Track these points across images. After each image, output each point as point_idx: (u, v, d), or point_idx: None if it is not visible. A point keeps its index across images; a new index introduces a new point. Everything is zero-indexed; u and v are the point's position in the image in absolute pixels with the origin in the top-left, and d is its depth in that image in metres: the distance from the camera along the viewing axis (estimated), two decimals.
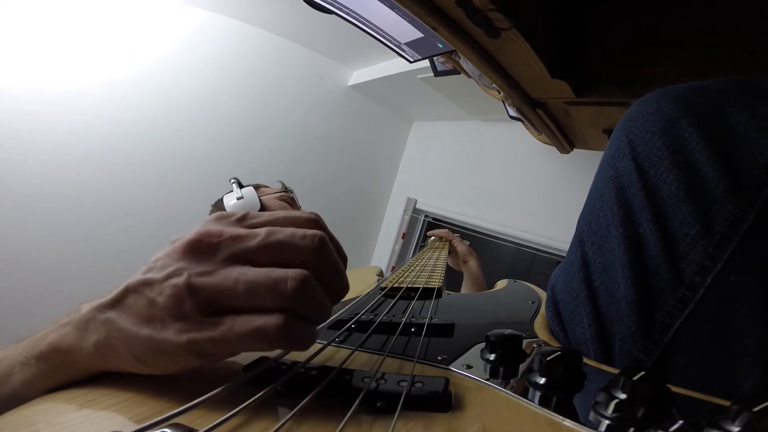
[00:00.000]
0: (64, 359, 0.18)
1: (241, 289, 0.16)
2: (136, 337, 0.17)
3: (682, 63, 0.57)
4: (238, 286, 0.16)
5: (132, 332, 0.17)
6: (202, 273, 0.17)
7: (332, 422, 0.15)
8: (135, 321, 0.17)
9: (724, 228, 0.20)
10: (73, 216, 1.28)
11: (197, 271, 0.17)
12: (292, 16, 1.39)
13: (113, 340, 0.17)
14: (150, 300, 0.17)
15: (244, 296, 0.16)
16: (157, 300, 0.17)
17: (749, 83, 0.24)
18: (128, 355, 0.17)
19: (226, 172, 1.50)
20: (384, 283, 0.42)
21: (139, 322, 0.17)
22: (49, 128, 1.22)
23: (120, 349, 0.17)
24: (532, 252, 1.30)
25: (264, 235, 0.18)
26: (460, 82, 0.93)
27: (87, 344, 0.18)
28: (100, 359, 0.18)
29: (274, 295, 0.16)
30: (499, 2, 0.46)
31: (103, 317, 0.18)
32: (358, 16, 0.60)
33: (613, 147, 0.26)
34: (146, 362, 0.17)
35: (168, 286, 0.17)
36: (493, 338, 0.20)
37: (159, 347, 0.16)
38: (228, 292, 0.17)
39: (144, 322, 0.17)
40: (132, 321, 0.17)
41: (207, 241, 0.18)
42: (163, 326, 0.17)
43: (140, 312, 0.17)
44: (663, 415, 0.13)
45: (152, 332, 0.17)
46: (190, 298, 0.16)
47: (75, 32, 1.23)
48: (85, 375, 0.19)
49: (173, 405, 0.14)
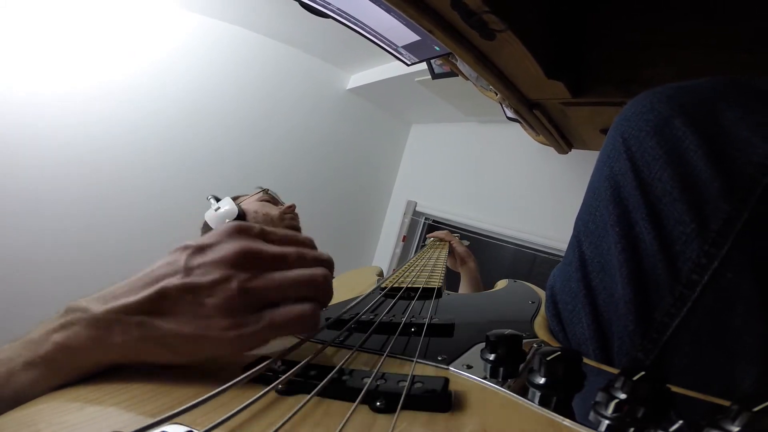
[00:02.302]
0: (75, 358, 0.19)
1: (286, 285, 0.21)
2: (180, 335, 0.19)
3: (679, 63, 0.57)
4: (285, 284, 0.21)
5: (174, 331, 0.19)
6: (250, 278, 0.20)
7: (332, 422, 0.15)
8: (178, 321, 0.19)
9: (719, 226, 0.20)
10: (71, 218, 1.28)
11: (245, 277, 0.20)
12: (290, 21, 1.40)
13: (149, 340, 0.19)
14: (197, 302, 0.19)
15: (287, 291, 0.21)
16: (207, 302, 0.19)
17: (742, 82, 0.24)
18: (164, 351, 0.19)
19: (226, 177, 1.51)
20: (384, 283, 0.43)
21: (184, 322, 0.19)
22: (47, 131, 1.22)
23: (153, 347, 0.19)
24: (532, 253, 1.30)
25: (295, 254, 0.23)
26: (457, 84, 0.94)
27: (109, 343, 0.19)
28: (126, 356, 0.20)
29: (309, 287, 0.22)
30: (494, 4, 0.47)
31: (135, 319, 0.19)
32: (355, 20, 0.61)
33: (609, 147, 0.26)
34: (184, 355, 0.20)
35: (220, 289, 0.19)
36: (493, 338, 0.20)
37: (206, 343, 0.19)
38: (275, 288, 0.21)
39: (189, 322, 0.19)
40: (174, 321, 0.19)
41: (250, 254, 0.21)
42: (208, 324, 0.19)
43: (184, 312, 0.19)
44: (663, 415, 0.13)
45: (199, 330, 0.19)
46: (241, 298, 0.20)
47: (74, 36, 1.24)
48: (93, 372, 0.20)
49: (174, 404, 0.14)
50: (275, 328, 0.20)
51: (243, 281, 0.20)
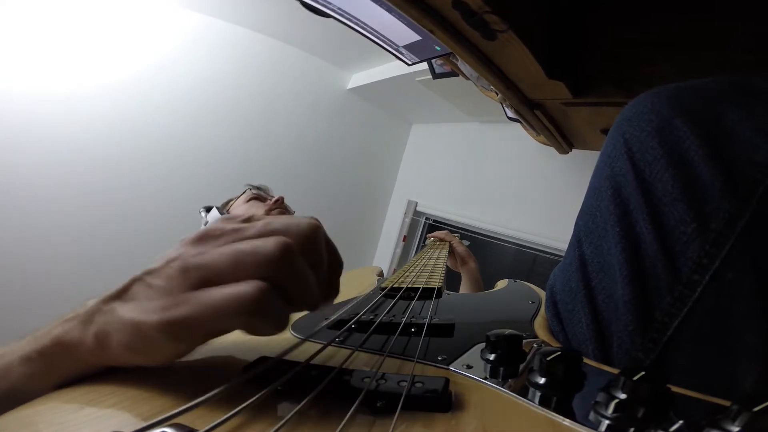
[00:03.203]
0: (68, 353, 0.18)
1: (225, 260, 0.17)
2: (123, 321, 0.17)
3: (680, 63, 0.57)
4: (223, 257, 0.17)
5: (123, 318, 0.17)
6: (197, 254, 0.18)
7: (332, 422, 0.15)
8: (131, 307, 0.17)
9: (720, 226, 0.20)
10: (71, 218, 1.28)
11: (193, 253, 0.18)
12: (290, 20, 1.40)
13: (109, 328, 0.17)
14: (148, 284, 0.18)
15: (228, 267, 0.17)
16: (153, 283, 0.17)
17: (743, 82, 0.24)
18: (119, 343, 0.17)
19: (226, 176, 1.51)
20: (384, 283, 0.43)
21: (133, 307, 0.17)
22: (48, 130, 1.23)
23: (114, 337, 0.17)
24: (533, 253, 1.30)
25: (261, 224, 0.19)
26: (458, 84, 0.94)
27: (88, 336, 0.18)
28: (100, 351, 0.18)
29: (256, 262, 0.17)
30: (495, 4, 0.47)
31: (107, 308, 0.18)
32: (356, 20, 0.61)
33: (609, 147, 0.26)
34: (135, 349, 0.17)
35: (165, 268, 0.18)
36: (493, 338, 0.20)
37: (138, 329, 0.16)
38: (215, 264, 0.17)
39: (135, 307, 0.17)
40: (128, 307, 0.17)
41: (210, 233, 0.19)
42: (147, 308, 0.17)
43: (138, 298, 0.18)
44: (663, 415, 0.13)
45: (136, 314, 0.17)
46: (181, 276, 0.17)
47: (75, 35, 1.24)
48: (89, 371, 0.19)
49: (174, 404, 0.14)
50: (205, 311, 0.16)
51: (185, 257, 0.18)
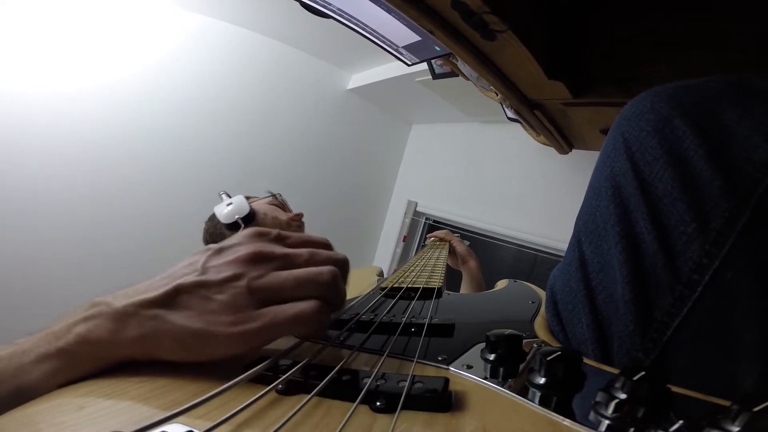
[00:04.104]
0: (93, 351, 0.19)
1: (290, 283, 0.21)
2: (188, 330, 0.19)
3: (679, 62, 0.57)
4: (288, 281, 0.21)
5: (184, 326, 0.19)
6: (258, 276, 0.21)
7: (332, 422, 0.15)
8: (187, 316, 0.19)
9: (719, 225, 0.20)
10: (71, 218, 1.28)
11: (254, 275, 0.21)
12: (290, 21, 1.40)
13: (161, 334, 0.19)
14: (207, 298, 0.20)
15: (292, 288, 0.21)
16: (216, 298, 0.20)
17: (742, 81, 0.24)
18: (175, 346, 0.19)
19: (226, 176, 1.51)
20: (384, 283, 0.42)
21: (192, 317, 0.19)
22: (47, 131, 1.23)
23: (165, 342, 0.19)
24: (533, 253, 1.30)
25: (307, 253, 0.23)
26: (458, 84, 0.94)
27: (125, 336, 0.19)
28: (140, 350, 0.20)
29: (315, 285, 0.22)
30: (494, 4, 0.47)
31: (150, 313, 0.20)
32: (356, 20, 0.61)
33: (609, 147, 0.26)
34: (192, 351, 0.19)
35: (229, 287, 0.20)
36: (493, 338, 0.20)
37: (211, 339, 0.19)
38: (280, 286, 0.21)
39: (197, 317, 0.19)
40: (184, 316, 0.20)
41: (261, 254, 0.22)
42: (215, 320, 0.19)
43: (194, 308, 0.20)
44: (663, 415, 0.13)
45: (205, 326, 0.19)
46: (249, 295, 0.20)
47: (74, 35, 1.24)
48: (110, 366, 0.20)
49: (175, 404, 0.14)
50: (276, 325, 0.20)
51: (251, 279, 0.21)
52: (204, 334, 0.19)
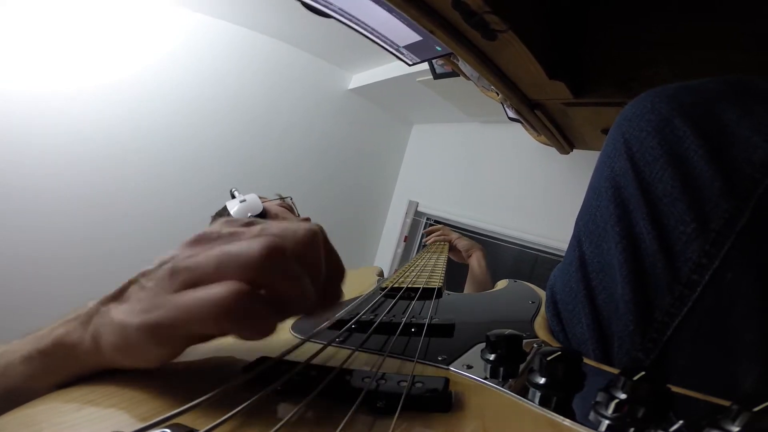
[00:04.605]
0: (68, 354, 0.18)
1: (211, 261, 0.16)
2: (113, 322, 0.17)
3: (680, 63, 0.57)
4: (209, 258, 0.16)
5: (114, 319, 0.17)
6: (188, 256, 0.17)
7: (332, 423, 0.15)
8: (122, 308, 0.17)
9: (719, 226, 0.20)
10: (71, 217, 1.28)
11: (185, 255, 0.17)
12: (291, 21, 1.40)
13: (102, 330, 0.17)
14: (142, 286, 0.18)
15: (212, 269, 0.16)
16: (146, 285, 0.17)
17: (742, 82, 0.24)
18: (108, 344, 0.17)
19: (227, 176, 1.51)
20: (384, 284, 0.43)
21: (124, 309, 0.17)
22: (47, 131, 1.23)
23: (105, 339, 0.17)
24: (534, 253, 1.30)
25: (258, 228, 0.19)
26: (459, 84, 0.94)
27: (86, 337, 0.17)
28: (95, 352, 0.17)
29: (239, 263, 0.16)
30: (495, 4, 0.47)
31: (104, 309, 0.18)
32: (357, 20, 0.61)
33: (609, 147, 0.26)
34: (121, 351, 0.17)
35: (159, 270, 0.17)
36: (494, 338, 0.20)
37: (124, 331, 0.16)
38: (200, 267, 0.16)
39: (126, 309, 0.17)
40: (121, 309, 0.17)
41: (207, 235, 0.19)
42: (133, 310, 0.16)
43: (131, 299, 0.17)
44: (663, 415, 0.13)
45: (124, 316, 0.16)
46: (170, 279, 0.17)
47: (74, 35, 1.24)
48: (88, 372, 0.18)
49: (174, 405, 0.14)
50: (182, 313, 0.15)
51: (177, 259, 0.17)
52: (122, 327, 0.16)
